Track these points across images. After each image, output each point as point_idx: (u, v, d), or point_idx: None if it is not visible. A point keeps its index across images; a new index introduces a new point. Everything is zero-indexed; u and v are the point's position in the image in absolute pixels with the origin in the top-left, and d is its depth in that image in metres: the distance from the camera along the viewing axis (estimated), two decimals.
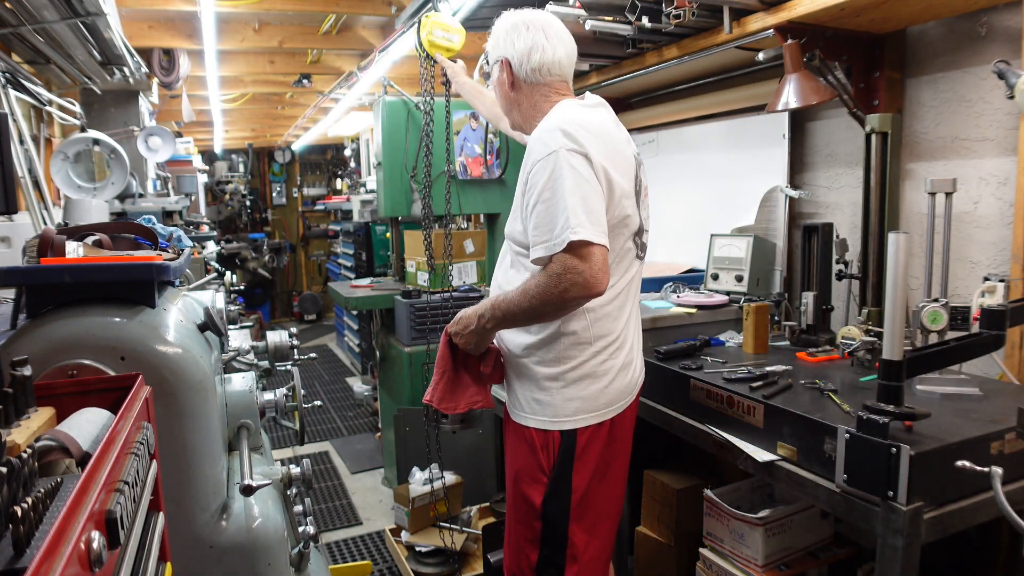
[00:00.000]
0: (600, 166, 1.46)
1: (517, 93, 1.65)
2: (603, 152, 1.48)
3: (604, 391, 1.57)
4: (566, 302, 1.44)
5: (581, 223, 1.40)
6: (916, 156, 2.06)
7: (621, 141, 1.59)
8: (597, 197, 1.44)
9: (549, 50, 1.60)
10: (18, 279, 1.14)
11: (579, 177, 1.43)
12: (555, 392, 1.57)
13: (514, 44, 1.61)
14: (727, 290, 2.42)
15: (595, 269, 1.41)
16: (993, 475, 1.20)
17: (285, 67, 4.91)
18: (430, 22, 2.45)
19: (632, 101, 3.24)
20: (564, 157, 1.43)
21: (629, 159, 1.58)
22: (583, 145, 1.45)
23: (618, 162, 1.52)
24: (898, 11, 1.79)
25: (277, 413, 1.56)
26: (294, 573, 1.42)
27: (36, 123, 3.65)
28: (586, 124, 1.51)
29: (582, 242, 1.39)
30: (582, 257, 1.40)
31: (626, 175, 1.54)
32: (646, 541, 2.19)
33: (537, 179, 1.47)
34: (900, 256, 1.30)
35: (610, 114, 1.63)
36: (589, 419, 1.56)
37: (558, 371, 1.56)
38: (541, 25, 1.61)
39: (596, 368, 1.56)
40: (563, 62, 1.62)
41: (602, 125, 1.57)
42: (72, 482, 0.62)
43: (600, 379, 1.57)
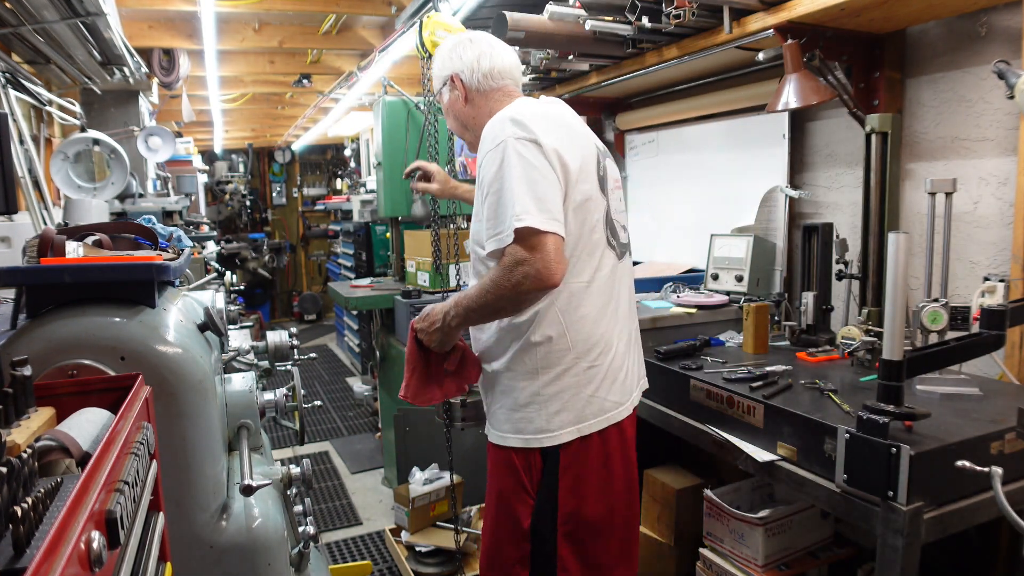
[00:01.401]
0: (552, 150, 1.41)
1: (472, 106, 1.62)
2: (556, 136, 1.44)
3: (589, 402, 1.48)
4: (520, 295, 1.38)
5: (527, 210, 1.35)
6: (916, 156, 2.06)
7: (579, 129, 1.55)
8: (548, 184, 1.39)
9: (497, 57, 1.60)
10: (18, 279, 1.14)
11: (528, 165, 1.39)
12: (534, 407, 1.48)
13: (461, 58, 1.61)
14: (727, 290, 2.42)
15: (547, 259, 1.34)
16: (993, 475, 1.20)
17: (285, 67, 4.91)
18: (432, 22, 2.45)
19: (632, 101, 3.24)
20: (512, 146, 1.40)
21: (590, 145, 1.53)
22: (533, 132, 1.41)
23: (575, 146, 1.47)
24: (898, 11, 1.78)
25: (277, 413, 1.55)
26: (294, 573, 1.42)
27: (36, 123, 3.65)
28: (537, 111, 1.48)
29: (530, 230, 1.34)
30: (532, 247, 1.34)
31: (585, 159, 1.49)
32: (646, 541, 2.19)
33: (487, 171, 1.43)
34: (900, 256, 1.30)
35: (568, 108, 1.61)
36: (573, 433, 1.47)
37: (536, 384, 1.47)
38: (483, 38, 1.64)
39: (577, 378, 1.47)
40: (512, 69, 1.63)
41: (556, 113, 1.53)
42: (72, 482, 0.62)
43: (583, 389, 1.48)
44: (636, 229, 3.28)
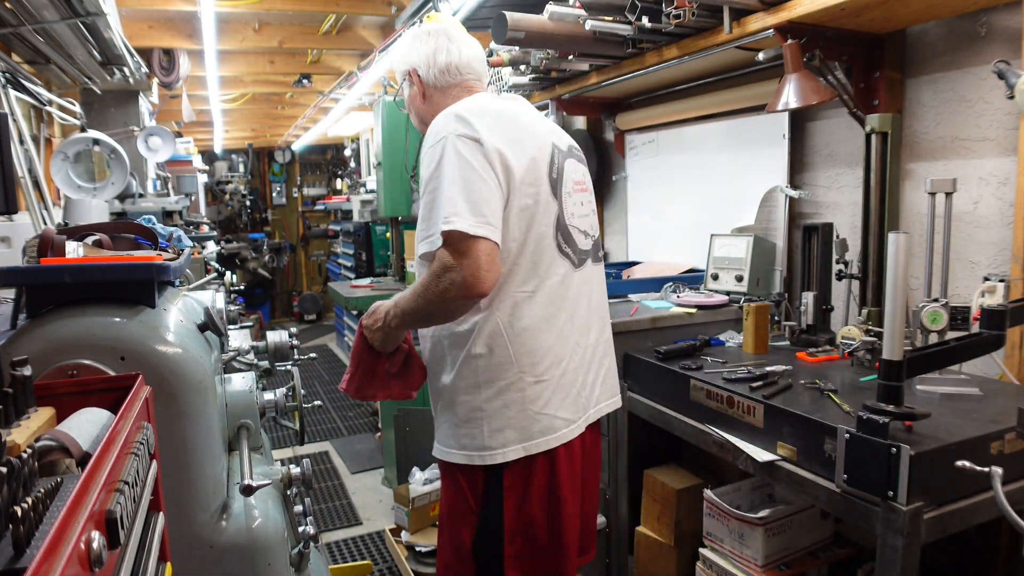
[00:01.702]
0: (494, 150, 1.33)
1: (429, 103, 1.56)
2: (501, 135, 1.36)
3: (536, 419, 1.40)
4: (447, 303, 1.31)
5: (458, 213, 1.28)
6: (916, 156, 2.06)
7: (533, 127, 1.46)
8: (486, 186, 1.31)
9: (455, 51, 1.53)
10: (18, 279, 1.14)
11: (465, 164, 1.31)
12: (476, 423, 1.40)
13: (417, 52, 1.55)
14: (727, 290, 2.42)
15: (474, 266, 1.26)
16: (993, 475, 1.20)
17: (285, 67, 4.92)
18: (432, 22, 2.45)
19: (632, 101, 3.24)
20: (452, 143, 1.33)
21: (544, 146, 1.44)
22: (476, 129, 1.34)
23: (522, 146, 1.39)
24: (898, 11, 1.78)
25: (277, 413, 1.55)
26: (294, 573, 1.42)
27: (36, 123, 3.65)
28: (486, 108, 1.41)
29: (460, 234, 1.27)
30: (461, 253, 1.27)
31: (535, 160, 1.40)
32: (646, 541, 2.19)
33: (425, 169, 1.37)
34: (900, 256, 1.30)
35: (527, 106, 1.55)
36: (519, 451, 1.39)
37: (478, 398, 1.40)
38: (443, 30, 1.57)
39: (522, 393, 1.39)
40: (471, 61, 1.55)
41: (508, 110, 1.46)
42: (72, 482, 0.62)
43: (529, 405, 1.39)
44: (636, 229, 3.30)
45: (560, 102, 3.14)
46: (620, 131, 3.28)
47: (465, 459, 1.43)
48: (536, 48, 2.56)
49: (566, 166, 1.49)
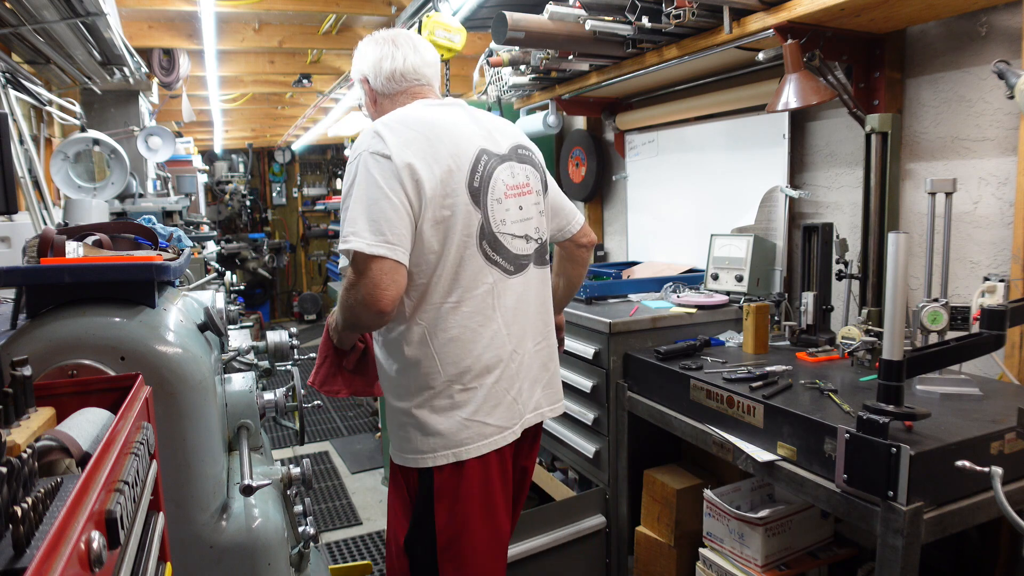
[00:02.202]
0: (404, 165, 1.35)
1: (379, 110, 1.59)
2: (415, 149, 1.38)
3: (465, 426, 1.42)
4: (355, 317, 1.38)
5: (357, 232, 1.32)
6: (916, 156, 2.06)
7: (458, 136, 1.45)
8: (389, 204, 1.33)
9: (399, 57, 1.55)
10: (18, 279, 1.14)
11: (372, 183, 1.34)
12: (411, 428, 1.45)
13: (366, 59, 1.58)
14: (727, 290, 2.42)
15: (371, 284, 1.31)
16: (993, 475, 1.20)
17: (285, 67, 4.91)
18: (432, 22, 2.45)
19: (632, 101, 3.24)
20: (364, 161, 1.37)
21: (464, 155, 1.43)
22: (387, 145, 1.37)
23: (437, 159, 1.39)
24: (898, 11, 1.78)
25: (277, 413, 1.55)
26: (294, 573, 1.42)
27: (36, 123, 3.65)
28: (408, 120, 1.43)
29: (359, 254, 1.31)
30: (360, 272, 1.32)
31: (452, 171, 1.40)
32: (646, 541, 2.19)
33: (343, 185, 1.42)
34: (900, 256, 1.30)
35: (461, 113, 1.54)
36: (448, 457, 1.42)
37: (410, 405, 1.44)
38: (390, 37, 1.58)
39: (451, 400, 1.42)
40: (418, 68, 1.56)
41: (434, 120, 1.45)
42: (72, 482, 0.62)
43: (456, 412, 1.42)
44: (636, 229, 3.30)
45: (560, 102, 3.14)
46: (620, 131, 3.28)
47: (401, 461, 1.48)
48: (536, 48, 2.56)
49: (497, 172, 1.48)
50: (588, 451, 2.31)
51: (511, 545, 2.08)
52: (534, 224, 1.55)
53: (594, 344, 2.23)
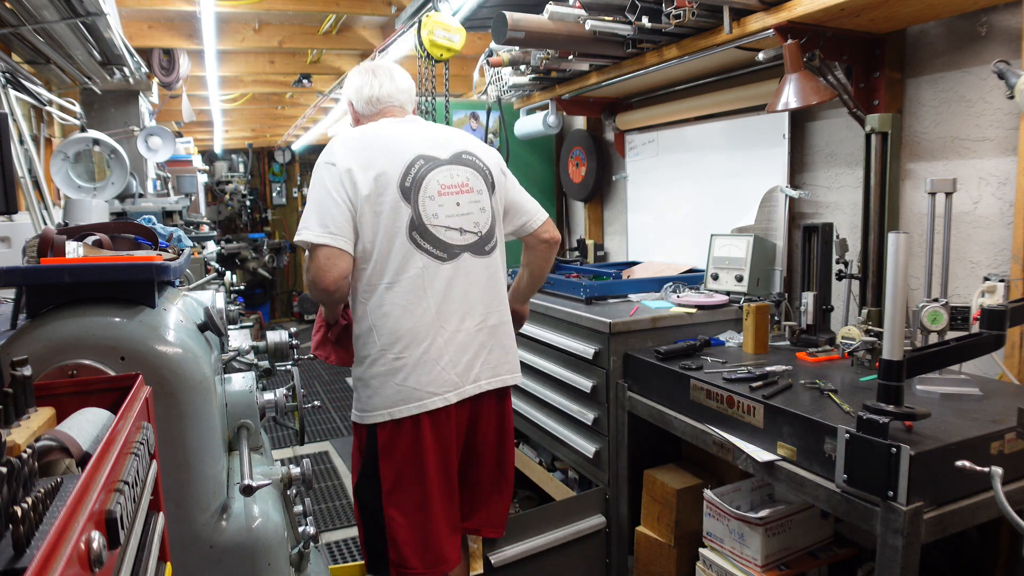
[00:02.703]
0: (345, 171, 1.65)
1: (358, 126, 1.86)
2: (355, 157, 1.67)
3: (398, 389, 1.66)
4: (313, 294, 1.68)
5: (308, 226, 1.63)
6: (916, 156, 2.06)
7: (398, 146, 1.72)
8: (332, 202, 1.63)
9: (376, 85, 1.84)
10: (18, 279, 1.14)
11: (321, 185, 1.66)
12: (360, 389, 1.73)
13: (351, 87, 1.88)
14: (727, 290, 2.42)
15: (316, 267, 1.63)
16: (993, 475, 1.20)
17: (285, 67, 4.91)
18: (431, 22, 2.45)
19: (632, 101, 3.24)
20: (318, 168, 1.69)
21: (399, 161, 1.69)
22: (334, 154, 1.68)
23: (372, 164, 1.67)
24: (898, 11, 1.78)
25: (277, 413, 1.55)
26: (294, 573, 1.42)
27: (36, 123, 3.65)
28: (358, 134, 1.75)
29: (306, 243, 1.63)
30: (311, 257, 1.64)
31: (387, 174, 1.67)
32: (646, 541, 2.19)
33: None
34: (900, 256, 1.30)
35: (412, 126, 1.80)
36: (386, 415, 1.67)
37: (359, 369, 1.73)
38: (371, 68, 1.88)
39: (386, 367, 1.67)
40: (392, 94, 1.84)
41: (380, 134, 1.75)
42: (72, 482, 0.62)
43: (391, 378, 1.67)
44: (636, 229, 3.30)
45: (560, 102, 3.14)
46: (620, 131, 3.28)
47: (355, 418, 1.77)
48: (536, 48, 2.56)
49: (432, 174, 1.73)
50: (588, 451, 2.31)
51: (511, 545, 2.09)
52: (473, 219, 1.77)
53: (594, 344, 2.23)
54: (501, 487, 1.92)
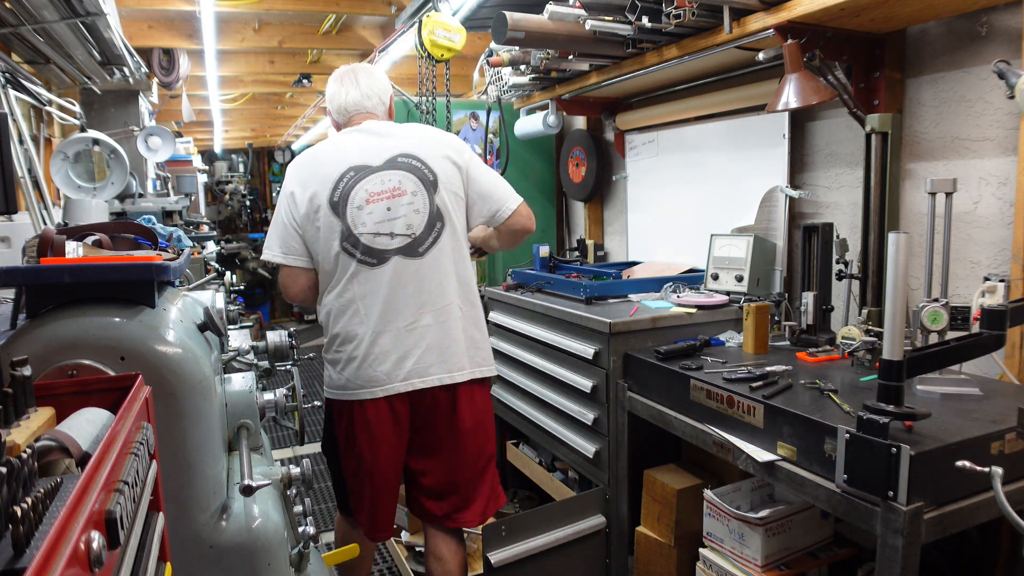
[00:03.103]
0: (288, 192, 1.88)
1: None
2: (298, 179, 1.88)
3: (340, 376, 1.89)
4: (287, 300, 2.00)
5: (269, 245, 1.91)
6: (916, 156, 2.06)
7: (331, 161, 1.87)
8: (283, 224, 1.88)
9: (341, 94, 1.97)
10: (18, 279, 1.14)
11: (278, 206, 1.92)
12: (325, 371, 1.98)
13: (327, 95, 2.03)
14: (727, 290, 2.42)
15: (282, 282, 1.94)
16: (993, 475, 1.20)
17: (285, 67, 4.92)
18: (431, 22, 2.45)
19: (632, 101, 3.24)
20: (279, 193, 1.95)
21: (329, 177, 1.85)
22: (288, 178, 1.91)
23: (308, 184, 1.86)
24: (898, 11, 1.78)
25: (277, 413, 1.55)
26: (294, 573, 1.42)
27: (36, 123, 3.65)
28: (307, 155, 1.94)
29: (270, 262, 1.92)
30: (278, 272, 1.95)
31: (317, 193, 1.84)
32: (646, 541, 2.19)
33: None
34: (900, 256, 1.30)
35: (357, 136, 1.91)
36: (333, 395, 1.93)
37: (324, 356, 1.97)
38: (339, 76, 2.00)
39: (331, 356, 1.92)
40: (358, 101, 1.97)
41: (322, 151, 1.92)
42: (72, 482, 0.62)
43: (334, 367, 1.91)
44: (636, 229, 3.30)
45: (560, 102, 3.14)
46: (620, 131, 3.28)
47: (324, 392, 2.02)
48: (536, 48, 2.56)
49: (361, 184, 1.84)
50: (588, 451, 2.31)
51: (511, 545, 2.09)
52: (405, 222, 1.85)
53: (594, 344, 2.23)
54: (459, 484, 1.98)
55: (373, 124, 1.94)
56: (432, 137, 1.95)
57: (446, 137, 1.98)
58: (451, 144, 1.96)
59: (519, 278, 2.94)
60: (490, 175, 1.99)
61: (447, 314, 1.88)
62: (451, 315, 1.88)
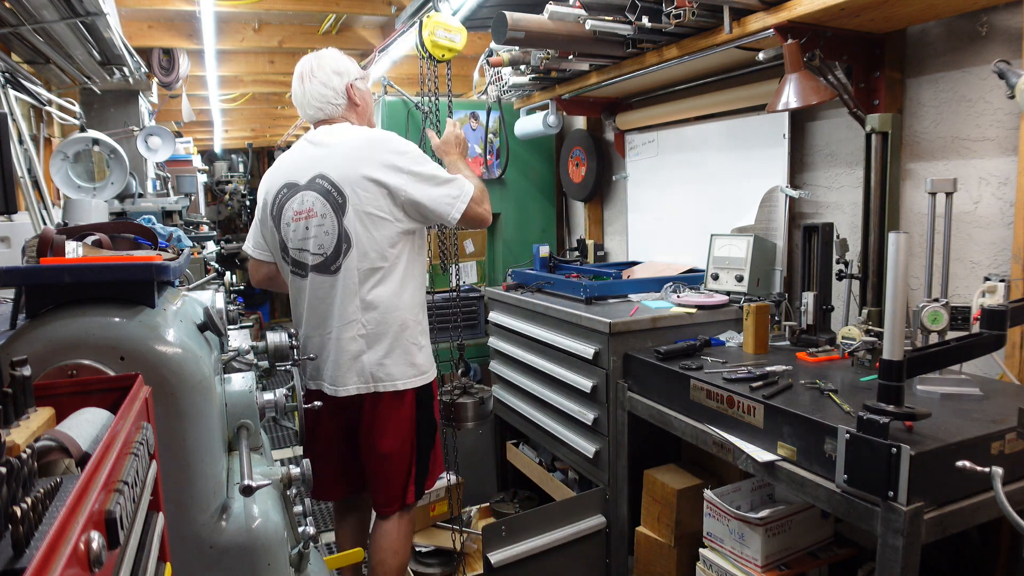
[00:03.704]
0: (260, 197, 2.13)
1: None
2: (264, 184, 2.12)
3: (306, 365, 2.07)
4: None
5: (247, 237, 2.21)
6: (916, 156, 2.06)
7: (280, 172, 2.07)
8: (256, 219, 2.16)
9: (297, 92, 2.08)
10: (18, 279, 1.14)
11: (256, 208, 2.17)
12: None
13: None
14: (727, 290, 2.42)
15: (249, 273, 2.22)
16: (993, 475, 1.20)
17: (285, 67, 4.91)
18: (432, 22, 2.45)
19: (632, 101, 3.24)
20: None
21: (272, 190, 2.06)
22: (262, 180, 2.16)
23: (262, 193, 2.11)
24: (898, 11, 1.78)
25: (277, 413, 1.55)
26: (294, 573, 1.41)
27: (36, 123, 3.65)
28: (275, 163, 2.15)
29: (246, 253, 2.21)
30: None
31: (265, 203, 2.08)
32: (646, 541, 2.19)
33: None
34: (900, 256, 1.30)
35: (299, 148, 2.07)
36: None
37: None
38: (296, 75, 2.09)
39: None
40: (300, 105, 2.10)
41: (279, 161, 2.13)
42: (72, 482, 0.62)
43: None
44: (636, 229, 3.30)
45: (560, 102, 3.14)
46: (620, 131, 3.28)
47: None
48: (536, 48, 2.56)
49: (289, 202, 2.01)
50: (588, 451, 2.31)
51: (511, 545, 2.10)
52: (318, 242, 1.97)
53: (594, 344, 2.23)
54: (370, 477, 2.12)
55: (318, 133, 2.05)
56: (359, 156, 1.93)
57: (378, 153, 1.94)
58: (382, 161, 1.93)
59: (519, 278, 2.94)
60: (428, 191, 1.95)
61: (347, 331, 1.98)
62: (348, 332, 1.97)
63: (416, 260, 2.06)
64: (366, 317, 1.97)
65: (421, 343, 2.07)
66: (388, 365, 2.01)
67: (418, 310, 2.06)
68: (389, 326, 1.99)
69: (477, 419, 2.42)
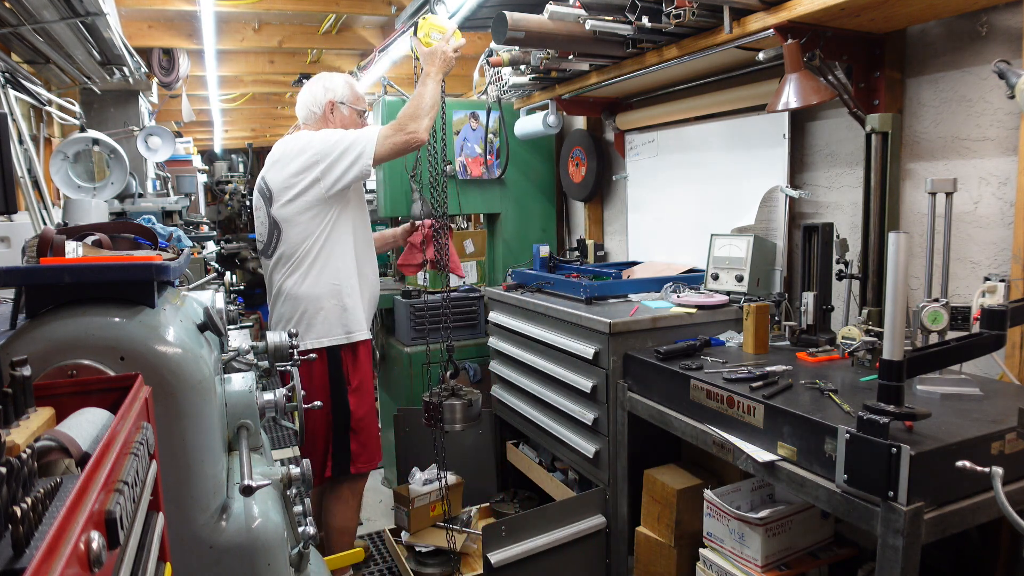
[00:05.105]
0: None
1: None
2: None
3: None
4: None
5: None
6: (916, 156, 2.06)
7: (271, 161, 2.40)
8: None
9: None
10: (18, 279, 1.14)
11: None
12: None
13: None
14: (727, 290, 2.42)
15: None
16: (993, 475, 1.20)
17: (285, 67, 4.92)
18: (427, 24, 2.45)
19: (632, 101, 3.24)
20: None
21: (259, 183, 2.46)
22: None
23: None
24: (898, 11, 1.78)
25: (277, 413, 1.55)
26: (294, 573, 1.41)
27: (36, 123, 3.65)
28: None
29: None
30: None
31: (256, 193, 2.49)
32: (646, 541, 2.19)
33: None
34: (900, 256, 1.30)
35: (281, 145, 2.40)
36: None
37: None
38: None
39: None
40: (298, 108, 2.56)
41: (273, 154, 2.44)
42: (72, 482, 0.62)
43: None
44: (636, 229, 3.30)
45: (560, 102, 3.14)
46: (620, 131, 3.28)
47: None
48: (536, 48, 2.56)
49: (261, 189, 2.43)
50: (588, 451, 2.31)
51: (511, 545, 2.10)
52: (259, 231, 2.47)
53: (594, 344, 2.23)
54: (313, 444, 2.45)
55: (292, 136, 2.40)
56: (286, 156, 2.34)
57: (302, 157, 2.31)
58: (298, 162, 2.31)
59: (519, 278, 2.94)
60: (333, 174, 2.31)
61: (275, 303, 2.52)
62: (277, 304, 2.51)
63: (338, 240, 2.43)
64: (285, 293, 2.52)
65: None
66: (307, 328, 2.49)
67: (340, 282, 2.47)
68: (299, 298, 2.47)
69: (465, 421, 2.40)
